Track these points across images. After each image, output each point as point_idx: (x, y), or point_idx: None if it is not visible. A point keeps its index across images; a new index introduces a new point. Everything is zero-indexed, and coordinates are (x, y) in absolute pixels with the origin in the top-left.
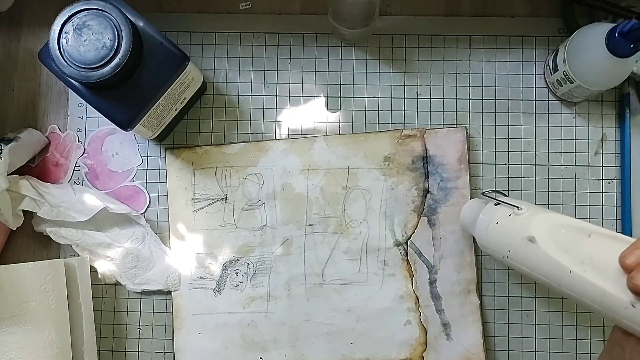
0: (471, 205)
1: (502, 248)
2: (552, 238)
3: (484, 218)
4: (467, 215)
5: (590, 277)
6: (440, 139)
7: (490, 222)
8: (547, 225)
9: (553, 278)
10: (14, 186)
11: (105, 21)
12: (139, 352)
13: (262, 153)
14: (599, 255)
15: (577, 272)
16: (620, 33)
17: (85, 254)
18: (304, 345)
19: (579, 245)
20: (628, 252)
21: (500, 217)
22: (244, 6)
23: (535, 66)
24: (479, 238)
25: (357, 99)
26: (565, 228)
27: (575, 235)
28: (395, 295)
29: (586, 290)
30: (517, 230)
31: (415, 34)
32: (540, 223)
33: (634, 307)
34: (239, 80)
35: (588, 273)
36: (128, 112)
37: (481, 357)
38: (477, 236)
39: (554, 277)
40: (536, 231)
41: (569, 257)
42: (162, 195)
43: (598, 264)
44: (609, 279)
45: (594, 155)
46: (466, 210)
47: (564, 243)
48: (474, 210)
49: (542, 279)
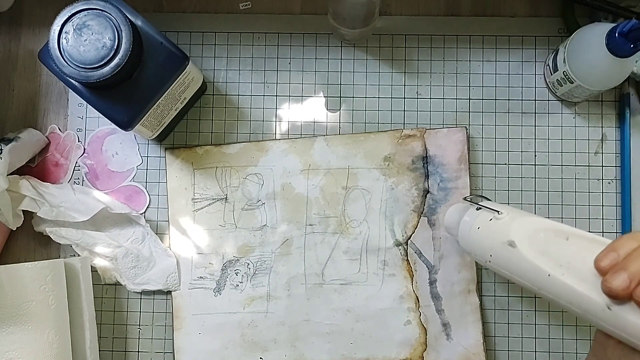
0: (454, 210)
1: (484, 253)
2: (531, 242)
3: (466, 223)
4: (451, 220)
5: (568, 281)
6: (441, 139)
7: (472, 226)
8: (526, 229)
9: (533, 282)
10: (14, 186)
11: (105, 21)
12: (139, 352)
13: (262, 153)
14: (576, 259)
15: (555, 275)
16: (620, 33)
17: (85, 253)
18: (304, 345)
19: (558, 249)
20: (603, 254)
21: (481, 222)
22: (244, 6)
23: (535, 66)
24: (462, 243)
25: (357, 99)
26: (544, 231)
27: (553, 239)
28: (395, 295)
29: (565, 294)
30: (498, 235)
31: (415, 34)
32: (520, 227)
33: (610, 309)
34: (239, 80)
35: (566, 276)
36: (128, 112)
37: (481, 357)
38: (460, 241)
39: (533, 281)
40: (516, 235)
41: (548, 260)
42: (162, 195)
43: (575, 267)
44: (585, 282)
45: (594, 155)
46: (449, 215)
47: (542, 247)
48: (457, 214)
49: (523, 283)
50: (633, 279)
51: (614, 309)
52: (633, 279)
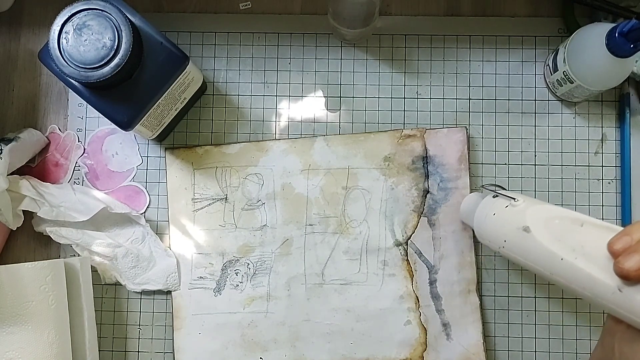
0: (470, 199)
1: (499, 239)
2: (546, 228)
3: (482, 210)
4: (467, 208)
5: (580, 264)
6: (441, 139)
7: (487, 213)
8: (541, 216)
9: (545, 266)
10: (14, 186)
11: (105, 21)
12: (139, 352)
13: (262, 153)
14: (589, 243)
15: (568, 259)
16: (620, 33)
17: (85, 253)
18: (304, 345)
19: (572, 235)
20: (616, 238)
21: (497, 209)
22: (244, 6)
23: (535, 66)
24: (477, 229)
25: (357, 99)
26: (559, 218)
27: (568, 225)
28: (395, 295)
29: (576, 277)
30: (513, 221)
31: (415, 34)
32: (535, 214)
33: (621, 291)
34: (239, 80)
35: (578, 260)
36: (128, 112)
37: (481, 357)
38: (476, 227)
39: (546, 265)
40: (531, 221)
41: (561, 245)
42: (162, 195)
43: (588, 252)
44: (598, 266)
45: (594, 155)
46: (466, 203)
47: (557, 233)
48: (473, 202)
49: (535, 268)
50: None
51: (624, 291)
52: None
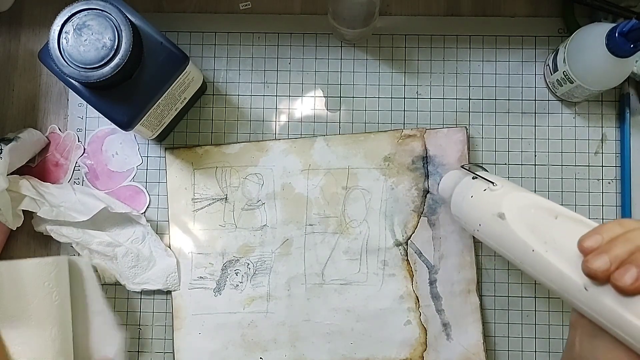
0: (451, 176)
1: (474, 221)
2: (521, 217)
3: (460, 190)
4: (446, 186)
5: (551, 258)
6: (441, 139)
7: (465, 194)
8: (518, 204)
9: (517, 256)
10: (14, 186)
11: (105, 21)
12: (139, 352)
13: (262, 153)
14: (561, 238)
15: (539, 251)
16: (620, 33)
17: (86, 252)
18: (304, 345)
19: (545, 226)
20: (587, 236)
21: (475, 191)
22: (244, 6)
23: (535, 66)
24: (453, 209)
25: (357, 99)
26: (535, 208)
27: (543, 216)
28: (395, 295)
29: (545, 270)
30: (489, 206)
31: (415, 34)
32: (511, 201)
33: (587, 290)
34: (239, 80)
35: (549, 253)
36: (128, 112)
37: (481, 357)
38: (452, 206)
39: (517, 255)
40: (507, 208)
41: (534, 236)
42: (162, 195)
43: (559, 246)
44: (567, 261)
45: (594, 155)
46: (445, 180)
47: (531, 222)
48: (453, 180)
49: (507, 255)
50: (613, 262)
51: (590, 290)
52: (613, 262)
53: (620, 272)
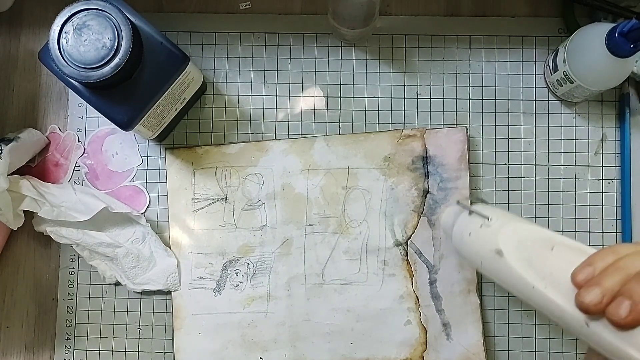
0: (449, 213)
1: (476, 260)
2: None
3: (459, 228)
4: (446, 223)
5: (550, 294)
6: (441, 139)
7: (464, 232)
8: (514, 238)
9: (519, 292)
10: (14, 186)
11: (105, 21)
12: (139, 352)
13: (262, 153)
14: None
15: (538, 288)
16: (620, 33)
17: (86, 253)
18: (304, 345)
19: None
20: (579, 268)
21: (472, 228)
22: (244, 6)
23: (535, 66)
24: (456, 247)
25: (357, 99)
26: (532, 240)
27: (540, 249)
28: (395, 295)
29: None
30: (487, 243)
31: (415, 34)
32: (508, 235)
33: (588, 326)
34: (239, 80)
35: (548, 289)
36: (128, 112)
37: (481, 357)
38: (454, 245)
39: (519, 292)
40: (503, 244)
41: (533, 272)
42: (162, 195)
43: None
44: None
45: (594, 155)
46: (445, 218)
47: (528, 257)
48: (452, 218)
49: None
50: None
51: (591, 326)
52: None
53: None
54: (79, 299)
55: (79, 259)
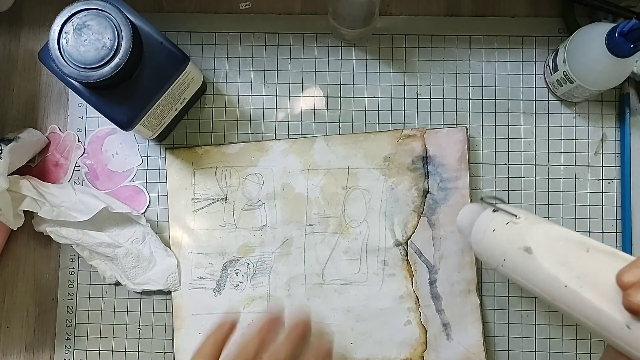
0: (468, 210)
1: (497, 256)
2: (549, 250)
3: (481, 224)
4: (464, 220)
5: (586, 294)
6: (441, 139)
7: (486, 229)
8: (544, 237)
9: (548, 291)
10: (14, 186)
11: (105, 21)
12: (139, 352)
13: (262, 153)
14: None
15: (572, 287)
16: (620, 33)
17: (86, 253)
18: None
19: (577, 260)
20: (626, 269)
21: (497, 225)
22: (244, 6)
23: (535, 66)
24: (474, 244)
25: (357, 99)
26: (564, 241)
27: (573, 249)
28: (395, 295)
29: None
30: (514, 240)
31: (415, 34)
32: (538, 234)
33: (629, 328)
34: (239, 80)
35: (584, 289)
36: (128, 112)
37: (481, 357)
38: (473, 242)
39: (548, 291)
40: (533, 242)
41: (566, 271)
42: (162, 195)
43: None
44: (605, 297)
45: (594, 155)
46: (463, 215)
47: (561, 256)
48: (471, 215)
49: (536, 291)
50: None
51: (633, 328)
52: None
53: None
54: (79, 299)
55: (79, 259)
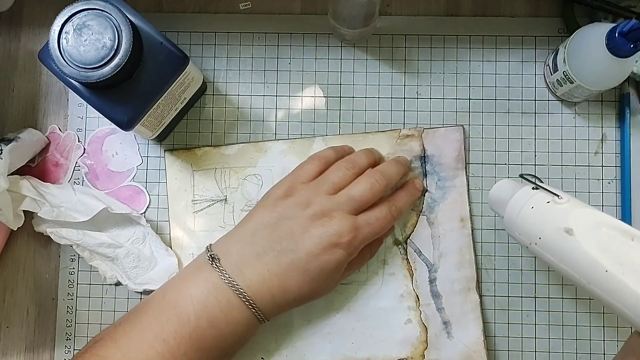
0: (503, 186)
1: (533, 234)
2: (592, 234)
3: (518, 200)
4: (500, 194)
5: (628, 280)
6: (438, 139)
7: (524, 205)
8: (588, 221)
9: (585, 275)
10: (14, 186)
11: (105, 21)
12: None
13: (261, 154)
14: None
15: (614, 272)
16: (620, 33)
17: (86, 254)
18: (305, 345)
19: (621, 247)
20: None
21: (536, 202)
22: (244, 6)
23: (535, 66)
24: (507, 220)
25: (357, 99)
26: (607, 227)
27: (617, 236)
28: (395, 294)
29: (620, 294)
30: (554, 219)
31: (415, 34)
32: (581, 217)
33: None
34: (239, 80)
35: (626, 276)
36: (128, 112)
37: (482, 355)
38: (506, 217)
39: (586, 274)
40: (575, 224)
41: (608, 256)
42: (162, 195)
43: (638, 270)
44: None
45: (594, 155)
46: (499, 188)
47: (604, 242)
48: (508, 190)
49: (571, 274)
50: None
51: None
52: None
53: None
54: (79, 299)
55: (79, 259)
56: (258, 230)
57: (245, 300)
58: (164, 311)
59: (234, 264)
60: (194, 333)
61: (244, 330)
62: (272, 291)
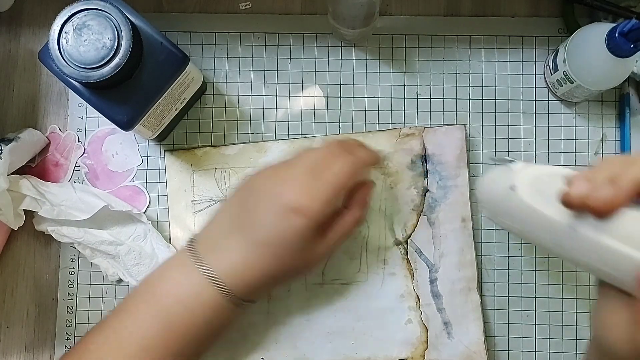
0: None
1: (492, 204)
2: (532, 185)
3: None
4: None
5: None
6: (439, 137)
7: (487, 181)
8: (530, 175)
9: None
10: (14, 186)
11: (105, 21)
12: None
13: (260, 154)
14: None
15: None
16: (620, 33)
17: (88, 252)
18: (305, 345)
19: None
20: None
21: (495, 174)
22: (244, 6)
23: (535, 66)
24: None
25: (357, 99)
26: (549, 176)
27: (558, 182)
28: (395, 294)
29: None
30: (505, 183)
31: (415, 34)
32: (526, 172)
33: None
34: (239, 80)
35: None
36: (128, 112)
37: (482, 355)
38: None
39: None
40: (519, 180)
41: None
42: (162, 195)
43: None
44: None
45: (594, 155)
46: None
47: (543, 190)
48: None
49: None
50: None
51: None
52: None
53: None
54: (79, 299)
55: (79, 258)
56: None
57: (212, 281)
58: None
59: (205, 245)
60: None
61: (218, 314)
62: (238, 270)
